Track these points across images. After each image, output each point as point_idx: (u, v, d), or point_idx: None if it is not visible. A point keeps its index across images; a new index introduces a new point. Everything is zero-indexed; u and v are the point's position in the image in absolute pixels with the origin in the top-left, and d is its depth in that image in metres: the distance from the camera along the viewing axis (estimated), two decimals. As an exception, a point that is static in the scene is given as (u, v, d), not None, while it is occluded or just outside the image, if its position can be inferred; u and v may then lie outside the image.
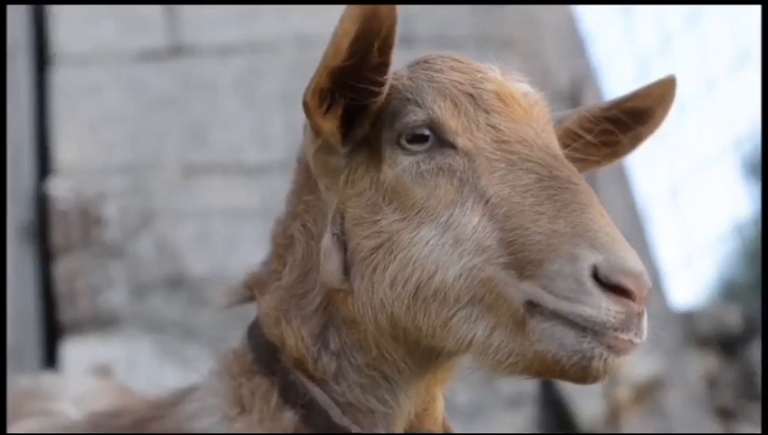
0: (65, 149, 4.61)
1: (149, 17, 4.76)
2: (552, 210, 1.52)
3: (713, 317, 5.35)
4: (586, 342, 1.48)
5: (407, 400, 1.71)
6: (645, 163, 5.66)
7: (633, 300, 1.49)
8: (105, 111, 4.65)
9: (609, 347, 1.49)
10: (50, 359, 4.41)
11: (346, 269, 1.66)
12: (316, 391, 1.71)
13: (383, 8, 1.56)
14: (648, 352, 4.42)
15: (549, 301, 1.50)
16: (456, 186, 1.60)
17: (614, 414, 4.48)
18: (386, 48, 1.60)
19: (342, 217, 1.68)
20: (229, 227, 4.51)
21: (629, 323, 1.49)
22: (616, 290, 1.49)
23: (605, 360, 1.49)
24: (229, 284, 1.89)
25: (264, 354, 1.76)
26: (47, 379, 2.50)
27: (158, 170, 4.61)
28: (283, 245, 1.78)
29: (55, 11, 4.76)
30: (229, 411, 1.75)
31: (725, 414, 4.99)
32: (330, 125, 1.65)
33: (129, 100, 4.68)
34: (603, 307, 1.48)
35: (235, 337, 1.86)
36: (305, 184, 1.77)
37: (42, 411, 2.14)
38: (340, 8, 1.60)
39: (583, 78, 5.06)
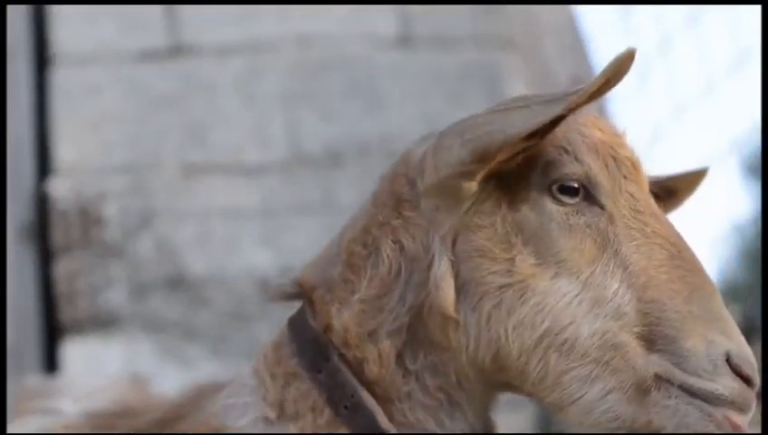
0: (65, 150, 4.61)
1: (149, 17, 4.76)
2: (685, 291, 1.60)
3: (713, 317, 5.32)
4: (711, 417, 1.57)
5: (464, 423, 1.71)
6: (644, 163, 5.65)
7: (752, 389, 1.60)
8: (105, 111, 4.65)
9: (731, 424, 1.58)
10: (50, 359, 4.41)
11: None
12: (365, 395, 1.67)
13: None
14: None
15: (678, 376, 1.57)
16: (599, 246, 1.62)
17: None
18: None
19: (454, 243, 1.66)
20: (229, 227, 4.51)
21: (748, 406, 1.59)
22: (740, 378, 1.59)
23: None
24: (280, 280, 1.81)
25: (309, 353, 1.71)
26: (53, 379, 2.48)
27: (158, 170, 4.61)
28: (361, 255, 1.72)
29: (55, 11, 4.76)
30: (268, 412, 1.70)
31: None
32: (503, 156, 1.63)
33: (129, 100, 4.68)
34: (735, 388, 1.58)
35: (274, 333, 1.79)
36: (409, 198, 1.70)
37: (40, 409, 2.11)
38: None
39: (583, 78, 5.06)
